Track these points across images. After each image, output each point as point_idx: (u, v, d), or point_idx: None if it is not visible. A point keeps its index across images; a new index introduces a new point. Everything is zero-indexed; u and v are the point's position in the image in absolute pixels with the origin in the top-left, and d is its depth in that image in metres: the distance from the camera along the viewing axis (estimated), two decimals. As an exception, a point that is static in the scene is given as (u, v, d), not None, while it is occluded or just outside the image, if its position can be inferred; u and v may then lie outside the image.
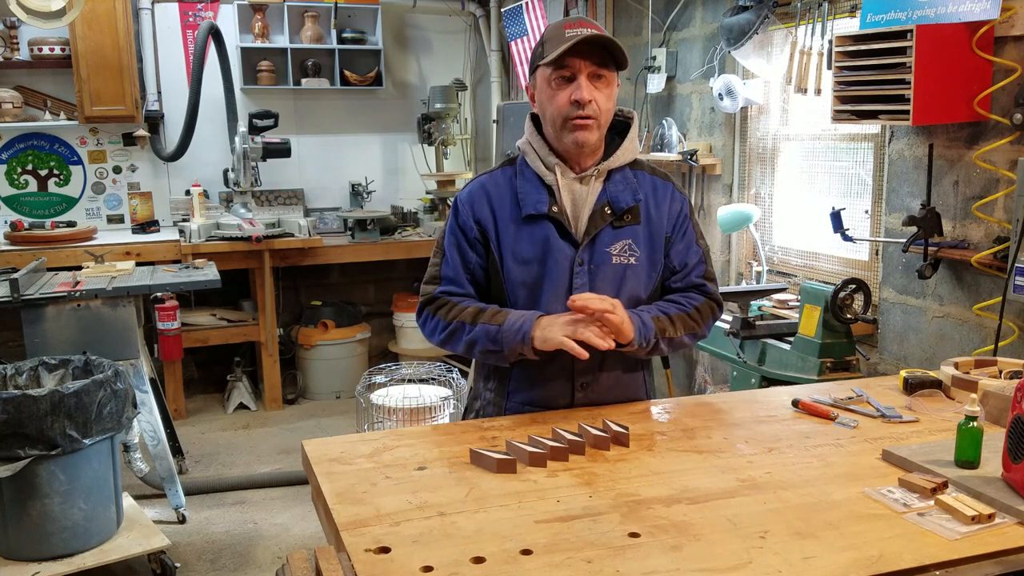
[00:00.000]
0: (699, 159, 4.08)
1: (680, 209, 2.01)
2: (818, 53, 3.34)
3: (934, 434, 1.79)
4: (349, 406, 5.20)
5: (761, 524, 1.39)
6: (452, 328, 1.92)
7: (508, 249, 1.94)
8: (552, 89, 1.88)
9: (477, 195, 1.98)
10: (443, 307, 1.95)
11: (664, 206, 1.99)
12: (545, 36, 1.90)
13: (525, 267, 1.92)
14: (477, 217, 1.96)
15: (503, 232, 1.94)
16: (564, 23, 1.87)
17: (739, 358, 3.28)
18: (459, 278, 1.97)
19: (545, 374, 1.95)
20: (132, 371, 3.67)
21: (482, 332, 1.87)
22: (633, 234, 1.94)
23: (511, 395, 2.00)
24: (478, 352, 1.90)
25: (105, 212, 5.73)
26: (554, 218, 1.91)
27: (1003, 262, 2.63)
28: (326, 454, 1.70)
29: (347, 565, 1.29)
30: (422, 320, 2.00)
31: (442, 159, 6.04)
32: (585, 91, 1.84)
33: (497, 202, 1.96)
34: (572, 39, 1.81)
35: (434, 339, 1.98)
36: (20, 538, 2.93)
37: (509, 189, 1.97)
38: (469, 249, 1.97)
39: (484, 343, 1.87)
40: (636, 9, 4.66)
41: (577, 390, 1.96)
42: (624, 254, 1.93)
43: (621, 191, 1.94)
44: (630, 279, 1.94)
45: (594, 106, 1.85)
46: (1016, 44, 2.63)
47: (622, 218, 1.94)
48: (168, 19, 5.65)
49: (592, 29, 1.85)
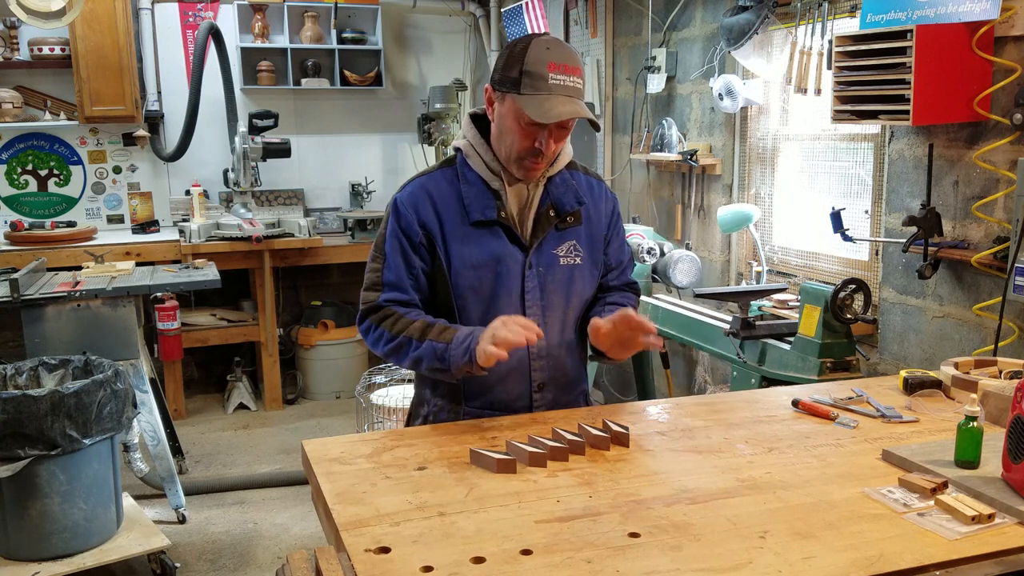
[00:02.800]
0: (699, 159, 4.08)
1: (613, 208, 2.08)
2: (818, 53, 3.34)
3: (934, 434, 1.79)
4: (349, 406, 5.20)
5: (761, 524, 1.39)
6: (398, 343, 1.88)
7: (456, 254, 1.90)
8: (519, 128, 1.84)
9: (420, 198, 1.93)
10: (388, 318, 1.90)
11: (600, 205, 2.05)
12: (526, 62, 1.80)
13: (475, 272, 1.90)
14: (422, 220, 1.92)
15: (450, 237, 1.91)
16: (548, 59, 1.80)
17: (739, 358, 3.28)
18: (402, 283, 1.92)
19: (500, 374, 1.92)
20: (132, 371, 3.67)
21: (429, 350, 1.84)
22: (576, 235, 1.99)
23: (468, 399, 1.98)
24: (424, 369, 1.88)
25: (105, 212, 5.73)
26: (503, 223, 1.92)
27: (1003, 262, 2.63)
28: (326, 454, 1.70)
29: (347, 565, 1.29)
30: (364, 328, 1.95)
31: (442, 159, 6.03)
32: (550, 145, 1.86)
33: (442, 206, 1.92)
34: (555, 90, 1.78)
35: (378, 350, 1.94)
36: (20, 538, 2.93)
37: (453, 193, 1.94)
38: (413, 253, 1.92)
39: (430, 361, 1.84)
40: (636, 9, 4.66)
41: (534, 391, 1.97)
42: (570, 255, 1.97)
43: (563, 193, 1.97)
44: (577, 279, 1.98)
45: (551, 151, 1.88)
46: (1016, 44, 2.63)
47: (565, 220, 1.97)
48: (168, 19, 5.65)
49: (574, 76, 1.82)
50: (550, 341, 1.96)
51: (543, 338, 1.81)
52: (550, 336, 1.95)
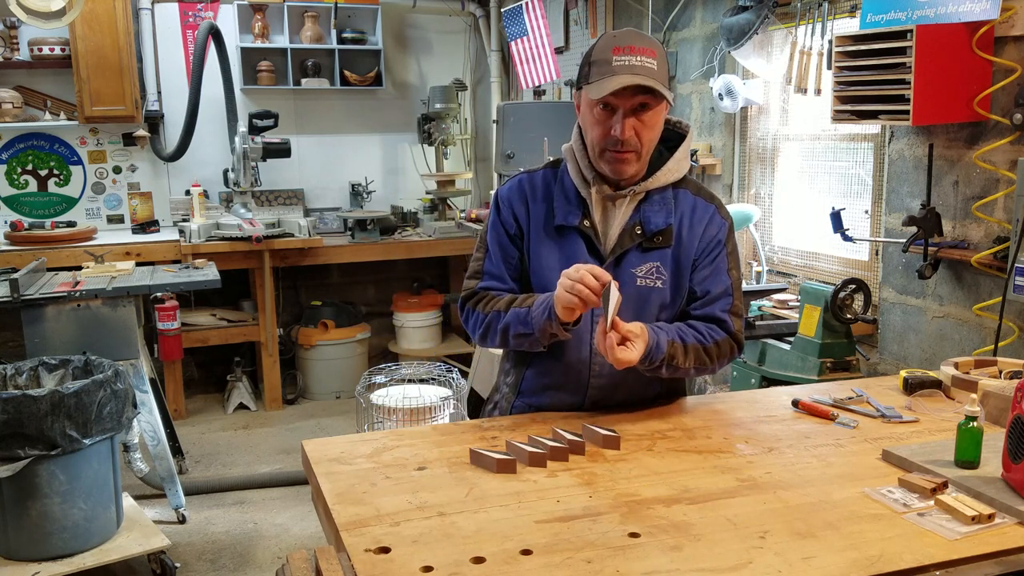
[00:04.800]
0: (699, 159, 4.08)
1: (716, 234, 1.93)
2: (818, 53, 3.34)
3: (934, 434, 1.79)
4: (349, 406, 5.20)
5: (761, 524, 1.39)
6: (489, 320, 1.90)
7: (536, 253, 1.93)
8: (593, 117, 1.84)
9: (516, 193, 1.98)
10: (482, 300, 1.94)
11: (699, 229, 1.92)
12: (593, 53, 1.82)
13: (550, 274, 1.88)
14: (516, 215, 1.96)
15: (535, 236, 1.94)
16: (613, 44, 1.79)
17: (739, 358, 3.28)
18: (502, 274, 1.96)
19: (558, 380, 1.95)
20: (132, 371, 3.67)
21: (513, 316, 1.85)
22: (662, 257, 1.89)
23: (521, 395, 2.01)
24: (512, 338, 1.87)
25: (105, 212, 5.73)
26: (584, 232, 1.90)
27: (1003, 262, 2.63)
28: (326, 454, 1.70)
29: (347, 565, 1.29)
30: (464, 316, 1.99)
31: (442, 159, 6.04)
32: (624, 129, 1.79)
33: (533, 204, 1.95)
34: (617, 70, 1.75)
35: (475, 335, 1.95)
36: (20, 538, 2.93)
37: (546, 194, 1.95)
38: (510, 244, 1.96)
39: (516, 327, 1.84)
40: (636, 9, 4.66)
41: (587, 405, 1.95)
42: (650, 276, 1.89)
43: (656, 212, 1.89)
44: (653, 302, 1.90)
45: (633, 140, 1.81)
46: (1016, 44, 2.63)
47: (652, 239, 1.88)
48: (168, 19, 5.65)
49: (641, 56, 1.76)
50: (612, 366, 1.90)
51: (616, 283, 1.72)
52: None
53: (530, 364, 1.99)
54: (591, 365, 1.92)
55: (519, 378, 2.01)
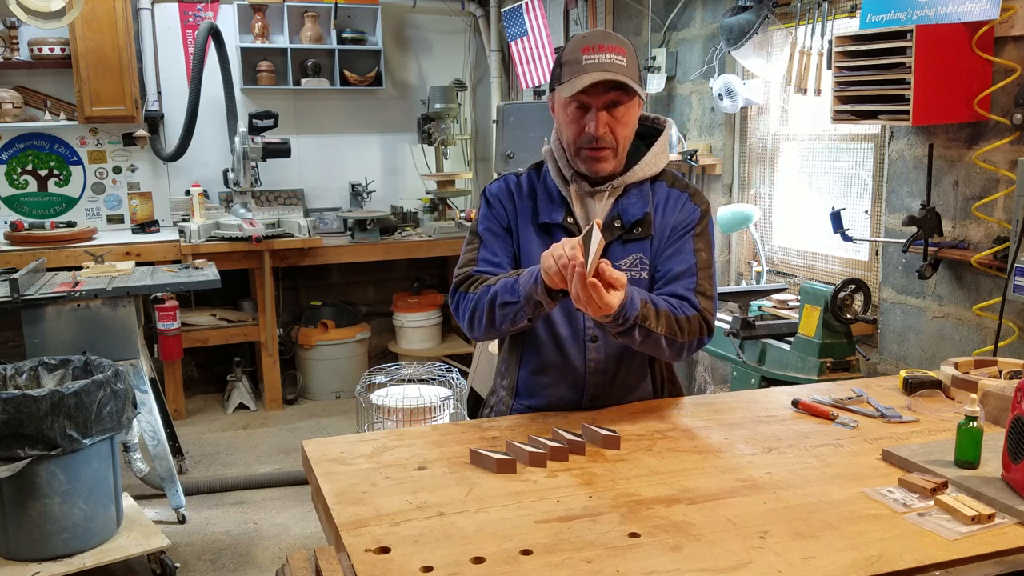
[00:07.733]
0: (699, 159, 4.08)
1: (686, 218, 1.94)
2: (818, 53, 3.34)
3: (934, 434, 1.79)
4: (349, 406, 5.20)
5: (761, 524, 1.39)
6: (478, 296, 1.86)
7: (525, 250, 1.96)
8: (567, 116, 1.87)
9: (504, 191, 2.02)
10: (475, 282, 1.91)
11: (671, 216, 1.94)
12: (563, 55, 1.85)
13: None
14: (506, 209, 1.99)
15: (523, 231, 1.97)
16: (583, 44, 1.82)
17: (739, 358, 3.28)
18: (497, 259, 1.95)
19: (554, 380, 1.96)
20: (132, 371, 3.67)
21: (502, 285, 1.82)
22: (643, 248, 1.92)
23: (519, 397, 2.01)
24: (498, 308, 1.81)
25: (105, 212, 5.73)
26: (568, 229, 1.92)
27: (1003, 262, 2.63)
28: (326, 454, 1.70)
29: (347, 565, 1.29)
30: (455, 304, 1.94)
31: (442, 159, 6.04)
32: (599, 125, 1.82)
33: (519, 201, 1.99)
34: (588, 68, 1.78)
35: (464, 319, 1.90)
36: (20, 538, 2.93)
37: (531, 192, 1.99)
38: (504, 234, 1.99)
39: (503, 295, 1.80)
40: (636, 9, 4.66)
41: (586, 402, 1.96)
42: (635, 268, 1.91)
43: (632, 204, 1.92)
44: None
45: (608, 136, 1.84)
46: (1016, 44, 2.63)
47: (632, 231, 1.91)
48: (168, 19, 5.65)
49: (611, 54, 1.79)
50: (607, 355, 1.94)
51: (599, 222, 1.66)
52: (607, 350, 1.93)
53: (525, 364, 2.00)
54: (586, 361, 1.94)
55: (515, 380, 2.01)
